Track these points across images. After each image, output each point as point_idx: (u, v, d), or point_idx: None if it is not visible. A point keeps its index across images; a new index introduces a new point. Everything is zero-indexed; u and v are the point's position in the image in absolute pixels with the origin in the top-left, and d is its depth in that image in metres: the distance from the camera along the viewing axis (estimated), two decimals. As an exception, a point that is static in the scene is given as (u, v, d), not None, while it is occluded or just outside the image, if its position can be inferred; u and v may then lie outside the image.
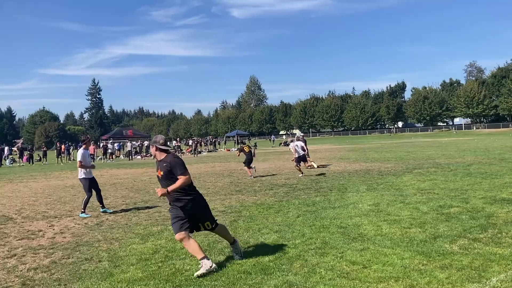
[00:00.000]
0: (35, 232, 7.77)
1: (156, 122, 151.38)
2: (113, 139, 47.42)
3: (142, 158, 37.29)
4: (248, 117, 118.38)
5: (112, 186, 14.98)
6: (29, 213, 9.84)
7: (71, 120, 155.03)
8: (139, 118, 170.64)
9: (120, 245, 6.48)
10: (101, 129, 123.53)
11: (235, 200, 10.33)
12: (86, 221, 8.58)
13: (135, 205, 10.37)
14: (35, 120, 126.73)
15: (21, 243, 6.93)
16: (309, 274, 4.70)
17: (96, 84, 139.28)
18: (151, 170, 22.17)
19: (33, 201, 11.84)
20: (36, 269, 5.41)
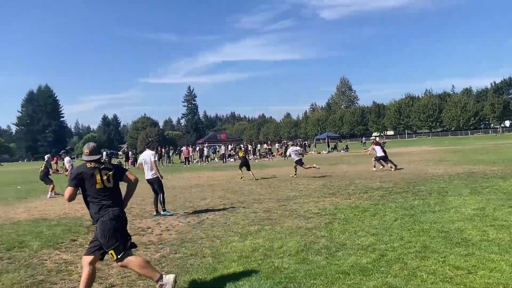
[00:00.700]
0: (145, 229, 8.48)
1: (247, 126, 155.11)
2: (208, 143, 49.55)
3: (235, 161, 38.47)
4: (338, 119, 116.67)
5: (210, 187, 15.72)
6: (138, 212, 10.72)
7: (169, 125, 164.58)
8: (231, 122, 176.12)
9: (221, 242, 6.85)
10: (196, 133, 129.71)
11: (328, 203, 10.34)
12: (189, 220, 9.15)
13: (232, 205, 10.82)
14: (137, 126, 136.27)
15: (134, 239, 7.57)
16: (410, 277, 4.63)
17: (191, 91, 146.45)
18: (245, 172, 22.87)
19: (141, 200, 12.83)
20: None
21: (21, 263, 6.26)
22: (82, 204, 12.43)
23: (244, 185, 15.75)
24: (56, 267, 5.92)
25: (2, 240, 7.92)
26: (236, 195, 12.84)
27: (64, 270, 5.76)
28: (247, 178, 17.92)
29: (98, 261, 4.90)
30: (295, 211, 9.45)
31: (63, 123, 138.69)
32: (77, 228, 8.82)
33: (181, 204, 11.67)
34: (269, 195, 12.45)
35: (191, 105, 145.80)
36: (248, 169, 18.40)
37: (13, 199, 15.17)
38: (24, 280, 5.40)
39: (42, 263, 6.21)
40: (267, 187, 14.58)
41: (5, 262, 6.38)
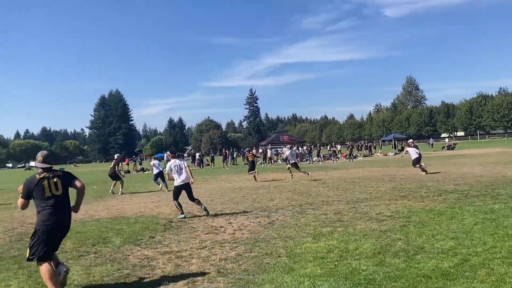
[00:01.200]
0: (218, 228, 8.70)
1: (309, 127, 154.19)
2: (271, 145, 49.80)
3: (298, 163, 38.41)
4: (405, 119, 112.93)
5: (276, 188, 15.82)
6: (209, 211, 11.00)
7: (232, 128, 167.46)
8: (293, 124, 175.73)
9: (295, 243, 6.89)
10: (258, 135, 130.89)
11: (401, 206, 10.06)
12: (259, 220, 9.27)
13: (300, 207, 10.83)
14: (201, 128, 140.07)
15: (208, 237, 7.84)
16: (498, 284, 4.43)
17: (253, 94, 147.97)
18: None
19: (210, 200, 13.16)
20: (225, 260, 6.10)
21: (107, 257, 6.67)
22: (157, 203, 13.03)
23: (310, 187, 15.70)
24: (139, 262, 6.24)
25: (87, 236, 8.46)
26: (303, 197, 12.83)
27: (147, 266, 6.06)
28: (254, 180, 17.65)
29: (176, 259, 5.17)
30: (366, 213, 9.29)
31: (132, 126, 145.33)
32: (154, 225, 9.23)
33: (249, 204, 11.84)
34: (338, 197, 12.33)
35: (253, 107, 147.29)
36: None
37: (91, 198, 16.10)
38: (112, 273, 5.75)
39: (126, 258, 6.57)
40: (334, 189, 14.44)
41: (92, 256, 6.82)
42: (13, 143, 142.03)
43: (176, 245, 7.30)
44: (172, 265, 5.99)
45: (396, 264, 5.33)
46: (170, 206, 12.29)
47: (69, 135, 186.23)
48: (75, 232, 8.89)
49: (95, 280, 5.47)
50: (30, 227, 9.88)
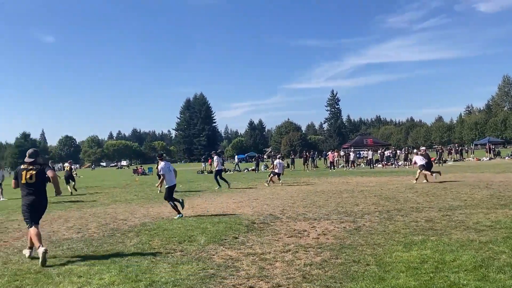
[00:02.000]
0: (301, 231, 8.51)
1: (393, 130, 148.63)
2: (354, 147, 48.59)
3: (383, 167, 37.04)
4: (501, 122, 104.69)
5: (360, 193, 15.27)
6: (291, 214, 10.85)
7: (312, 130, 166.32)
8: (376, 126, 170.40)
9: (384, 251, 6.50)
10: (339, 138, 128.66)
11: (502, 215, 9.18)
12: (344, 225, 8.94)
13: (388, 213, 10.31)
14: (281, 130, 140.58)
15: (291, 240, 7.68)
16: None
17: (334, 95, 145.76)
18: (395, 178, 21.81)
19: (292, 203, 13.01)
20: (311, 265, 5.89)
21: (192, 256, 6.75)
22: (238, 204, 13.10)
23: (398, 192, 14.96)
24: (223, 263, 6.24)
25: (173, 233, 8.69)
26: (390, 202, 12.22)
27: (231, 266, 6.03)
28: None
29: (260, 261, 5.56)
30: (462, 222, 8.59)
31: (215, 128, 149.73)
32: (237, 226, 9.26)
33: (333, 208, 11.51)
34: (428, 203, 11.58)
35: (334, 109, 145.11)
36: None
37: (177, 196, 16.65)
38: (197, 272, 5.79)
39: (211, 257, 6.60)
40: (424, 195, 13.61)
41: (178, 254, 6.95)
42: (107, 143, 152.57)
43: (260, 247, 7.22)
44: (256, 268, 5.90)
45: (502, 280, 4.79)
46: (252, 207, 12.34)
47: (157, 136, 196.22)
48: (162, 229, 9.20)
49: (181, 278, 5.53)
50: (122, 223, 10.41)
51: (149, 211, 12.58)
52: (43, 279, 5.70)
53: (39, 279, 5.73)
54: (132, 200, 16.04)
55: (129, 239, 8.35)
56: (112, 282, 5.45)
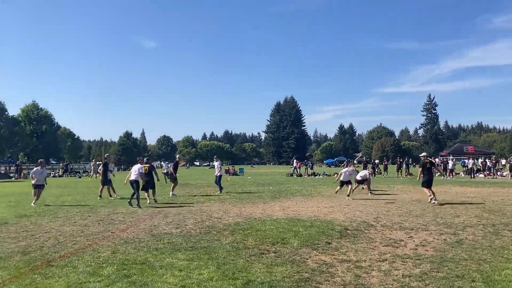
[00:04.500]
0: (397, 241, 8.19)
1: (497, 138, 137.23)
2: (453, 155, 45.71)
3: (485, 177, 34.40)
4: None
5: (461, 205, 14.31)
6: (385, 222, 10.48)
7: (405, 135, 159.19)
8: (477, 133, 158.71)
9: (491, 267, 6.04)
10: (436, 144, 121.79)
11: None
12: (444, 237, 8.44)
13: (493, 227, 9.55)
14: (372, 135, 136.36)
15: (387, 250, 7.42)
16: None
17: (431, 100, 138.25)
18: (500, 190, 20.15)
19: (386, 211, 12.57)
20: (410, 277, 5.65)
21: (286, 258, 6.80)
22: (330, 208, 12.93)
23: (504, 205, 13.81)
24: (318, 267, 6.21)
25: (266, 234, 8.82)
26: (496, 216, 11.32)
27: (326, 272, 5.98)
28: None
29: (356, 269, 4.90)
30: None
31: (304, 132, 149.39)
32: (329, 231, 9.16)
33: (431, 219, 10.92)
34: (541, 219, 10.54)
35: (431, 114, 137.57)
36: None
37: (268, 198, 16.90)
38: (292, 275, 5.82)
39: (304, 261, 6.60)
40: (535, 209, 12.41)
41: (272, 255, 7.05)
42: (200, 144, 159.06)
43: (354, 254, 7.07)
44: (352, 275, 5.79)
45: None
46: (344, 213, 12.13)
47: (247, 138, 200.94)
48: (255, 230, 9.38)
49: (276, 279, 5.60)
50: (217, 221, 10.78)
51: (241, 211, 12.89)
52: (148, 270, 6.09)
53: (144, 270, 6.13)
54: (225, 199, 16.55)
55: (224, 237, 8.63)
56: (210, 278, 5.68)
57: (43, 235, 9.05)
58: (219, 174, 19.75)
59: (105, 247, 7.71)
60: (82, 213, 12.48)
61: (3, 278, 5.73)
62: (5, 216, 11.95)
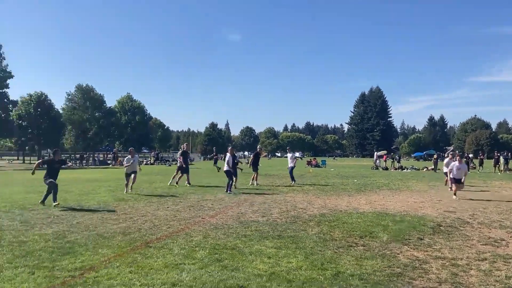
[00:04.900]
0: (498, 240, 7.64)
1: None
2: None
3: None
4: None
5: None
6: (483, 220, 9.81)
7: (504, 128, 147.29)
8: None
9: None
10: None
11: None
12: (553, 239, 7.72)
13: None
14: (465, 128, 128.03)
15: (487, 249, 6.94)
16: None
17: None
18: None
19: (483, 208, 11.76)
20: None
21: (375, 252, 6.64)
22: (421, 204, 12.40)
23: None
24: (410, 263, 5.98)
25: (353, 227, 8.67)
26: None
27: (419, 268, 5.75)
28: None
29: (452, 266, 4.66)
30: None
31: (390, 123, 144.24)
32: (421, 227, 8.77)
33: (536, 218, 10.03)
34: None
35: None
36: None
37: (353, 191, 16.57)
38: (383, 269, 5.67)
39: (395, 256, 6.39)
40: None
41: (360, 248, 6.91)
42: (282, 135, 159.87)
43: (449, 251, 6.72)
44: (448, 273, 5.51)
45: None
46: (436, 209, 11.55)
47: (329, 129, 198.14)
48: (342, 222, 9.26)
49: (367, 272, 5.49)
50: (302, 211, 10.81)
51: (326, 202, 12.78)
52: (238, 256, 6.27)
53: (234, 255, 6.32)
54: (309, 190, 16.51)
55: (311, 228, 8.61)
56: (299, 267, 5.71)
57: (140, 218, 9.68)
58: (291, 166, 19.73)
59: (197, 232, 8.06)
60: (173, 199, 13.14)
61: (108, 256, 6.22)
62: (106, 200, 12.93)
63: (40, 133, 58.08)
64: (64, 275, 5.28)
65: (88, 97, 70.15)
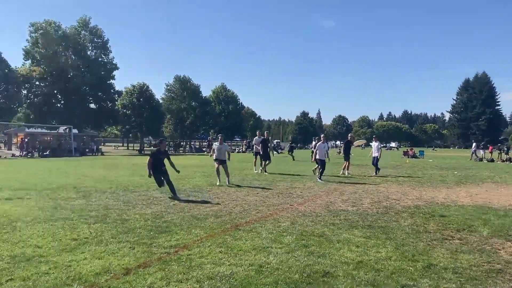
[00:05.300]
0: None
1: None
2: None
3: None
4: None
5: None
6: None
7: None
8: None
9: None
10: None
11: None
12: None
13: None
14: None
15: None
16: None
17: None
18: None
19: None
20: None
21: (473, 246, 6.21)
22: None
23: None
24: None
25: (450, 220, 8.18)
26: None
27: (524, 266, 5.28)
28: None
29: None
30: None
31: (498, 112, 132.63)
32: (528, 223, 8.02)
33: None
34: None
35: None
36: None
37: (453, 183, 15.60)
38: (481, 264, 5.30)
39: (496, 252, 5.94)
40: None
41: (456, 241, 6.52)
42: (377, 124, 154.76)
43: (562, 251, 6.07)
44: (558, 274, 4.99)
45: None
46: (548, 204, 10.47)
47: (428, 119, 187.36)
48: (438, 214, 8.79)
49: (462, 267, 5.17)
50: (395, 202, 10.45)
51: (422, 194, 12.18)
52: (325, 243, 6.24)
53: (321, 242, 6.30)
54: (403, 181, 15.86)
55: (403, 219, 8.29)
56: (389, 257, 5.54)
57: (231, 202, 10.03)
58: (376, 155, 18.90)
59: (285, 218, 8.16)
60: (263, 186, 13.39)
61: (200, 236, 6.55)
62: (200, 184, 13.57)
63: (142, 121, 62.19)
64: (160, 252, 5.66)
65: (185, 87, 73.66)
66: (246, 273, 4.84)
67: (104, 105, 56.01)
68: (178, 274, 4.79)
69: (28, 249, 5.68)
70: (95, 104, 56.25)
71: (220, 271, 4.89)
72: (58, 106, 53.29)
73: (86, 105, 54.61)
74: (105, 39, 55.10)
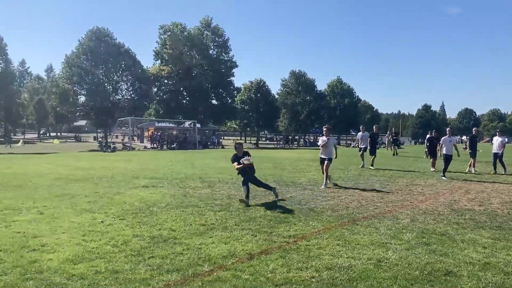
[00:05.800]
0: None
1: None
2: None
3: None
4: None
5: None
6: None
7: None
8: None
9: None
10: None
11: None
12: None
13: None
14: None
15: None
16: None
17: None
18: None
19: None
20: None
21: None
22: None
23: None
24: None
25: None
26: None
27: None
28: None
29: None
30: None
31: None
32: None
33: None
34: None
35: None
36: None
37: None
38: None
39: None
40: None
41: None
42: (510, 118, 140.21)
43: None
44: None
45: None
46: None
47: None
48: None
49: None
50: None
51: None
52: (448, 242, 6.01)
53: (444, 241, 6.08)
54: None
55: (539, 222, 7.57)
56: None
57: (347, 197, 10.04)
58: (496, 152, 17.05)
59: (404, 215, 7.97)
60: (381, 182, 13.11)
61: (317, 228, 6.74)
62: (316, 178, 13.77)
63: (259, 116, 64.20)
64: (280, 240, 5.97)
65: (300, 82, 74.23)
66: (365, 267, 4.91)
67: (224, 101, 59.04)
68: (298, 262, 5.04)
69: (164, 232, 6.40)
70: (217, 100, 59.58)
71: (338, 263, 5.03)
72: (184, 102, 57.47)
73: (209, 101, 58.09)
74: (225, 38, 57.95)
